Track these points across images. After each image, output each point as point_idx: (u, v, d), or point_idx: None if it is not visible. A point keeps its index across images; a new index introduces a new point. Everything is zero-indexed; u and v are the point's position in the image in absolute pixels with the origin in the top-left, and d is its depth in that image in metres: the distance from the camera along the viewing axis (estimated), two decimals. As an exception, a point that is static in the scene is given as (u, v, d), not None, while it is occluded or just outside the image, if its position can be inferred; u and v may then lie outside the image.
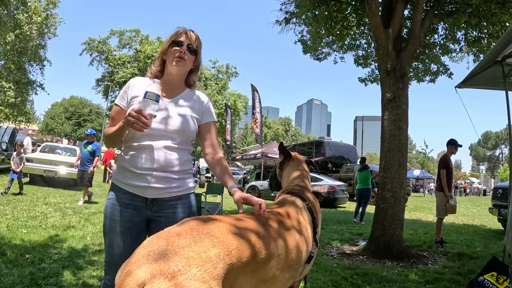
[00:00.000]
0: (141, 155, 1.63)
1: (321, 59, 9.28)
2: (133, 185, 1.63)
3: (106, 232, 1.70)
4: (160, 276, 0.95)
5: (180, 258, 1.00)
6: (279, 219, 1.52)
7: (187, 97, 1.77)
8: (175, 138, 1.66)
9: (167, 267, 0.97)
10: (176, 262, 0.98)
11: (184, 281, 0.95)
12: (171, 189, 1.66)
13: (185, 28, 1.78)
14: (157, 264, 0.98)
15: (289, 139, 68.80)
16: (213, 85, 27.66)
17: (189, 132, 1.71)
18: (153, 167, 1.61)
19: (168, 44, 1.74)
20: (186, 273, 0.97)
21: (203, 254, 1.04)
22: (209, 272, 1.01)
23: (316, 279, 3.76)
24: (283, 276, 1.39)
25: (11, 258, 3.74)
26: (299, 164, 2.22)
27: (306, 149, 23.18)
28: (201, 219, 1.22)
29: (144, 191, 1.63)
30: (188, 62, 1.75)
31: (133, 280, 0.97)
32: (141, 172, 1.62)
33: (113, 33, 27.72)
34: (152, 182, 1.62)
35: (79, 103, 45.82)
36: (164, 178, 1.64)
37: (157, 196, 1.65)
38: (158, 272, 0.96)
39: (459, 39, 6.56)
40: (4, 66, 19.30)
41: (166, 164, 1.63)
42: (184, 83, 1.83)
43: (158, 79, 1.79)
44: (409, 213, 12.93)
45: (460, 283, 3.88)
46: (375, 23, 5.35)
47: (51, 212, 6.75)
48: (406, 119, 5.40)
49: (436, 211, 6.41)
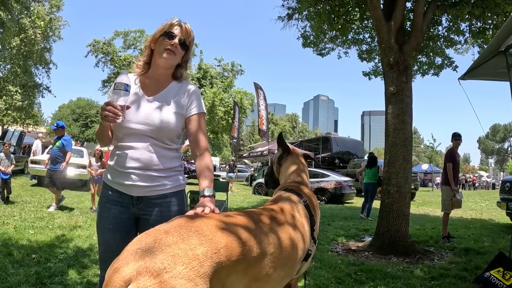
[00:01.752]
0: (125, 155, 1.63)
1: (324, 55, 9.20)
2: (120, 184, 1.66)
3: (98, 229, 1.76)
4: (145, 274, 0.96)
5: (166, 255, 1.00)
6: (273, 215, 1.50)
7: (173, 91, 1.72)
8: (157, 137, 1.65)
9: (152, 265, 0.97)
10: (161, 260, 0.98)
11: (169, 279, 0.95)
12: (156, 187, 1.65)
13: (179, 20, 1.71)
14: (143, 261, 0.98)
15: (296, 136, 68.64)
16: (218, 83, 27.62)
17: (172, 130, 1.67)
18: (136, 166, 1.62)
19: (160, 34, 1.68)
20: (172, 271, 0.97)
21: (190, 252, 1.03)
22: (195, 270, 1.00)
23: (319, 276, 3.74)
24: (277, 274, 1.38)
25: (17, 258, 3.79)
26: (296, 158, 2.17)
27: (313, 145, 23.16)
28: (191, 216, 1.21)
29: (129, 189, 1.65)
30: (177, 56, 1.70)
31: (119, 277, 0.97)
32: (126, 171, 1.63)
33: (118, 34, 27.80)
34: (136, 181, 1.63)
35: (86, 105, 46.15)
36: (148, 176, 1.63)
37: (142, 194, 1.65)
38: (143, 269, 0.96)
39: (464, 31, 6.46)
40: (10, 70, 19.48)
41: (150, 162, 1.63)
42: (171, 76, 1.77)
43: (145, 72, 1.75)
44: (417, 207, 12.82)
45: (466, 279, 3.82)
46: (376, 16, 5.28)
47: (58, 212, 6.82)
48: (410, 112, 5.33)
49: (442, 206, 6.34)
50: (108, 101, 1.50)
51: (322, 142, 22.33)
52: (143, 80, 1.75)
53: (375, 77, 8.88)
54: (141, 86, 1.73)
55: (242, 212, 1.43)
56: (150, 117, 1.63)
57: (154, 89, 1.72)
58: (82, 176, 11.21)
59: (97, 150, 8.02)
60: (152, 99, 1.68)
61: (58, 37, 21.11)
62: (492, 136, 78.39)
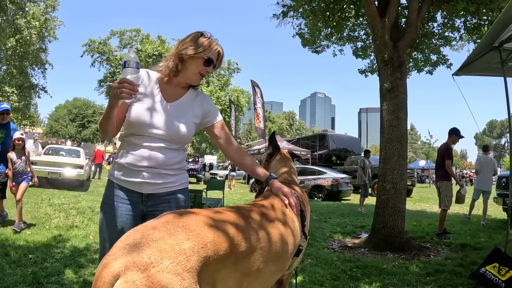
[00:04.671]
0: (138, 153, 1.65)
1: (320, 52, 9.22)
2: (129, 181, 1.67)
3: (103, 228, 1.71)
4: (133, 268, 0.97)
5: (153, 250, 1.01)
6: (262, 211, 1.51)
7: (190, 99, 1.77)
8: (171, 141, 1.69)
9: (140, 259, 0.99)
10: (149, 255, 1.00)
11: (156, 273, 0.97)
12: (166, 184, 1.70)
13: (219, 44, 1.75)
14: (131, 257, 1.00)
15: (294, 133, 68.70)
16: (215, 81, 27.59)
17: (185, 138, 1.73)
18: (148, 164, 1.65)
19: (201, 56, 1.68)
20: (159, 265, 0.98)
21: (177, 246, 1.04)
22: (182, 264, 1.01)
23: (315, 273, 3.75)
24: (268, 269, 1.39)
25: (14, 259, 3.79)
26: (287, 161, 2.20)
27: (310, 142, 23.18)
28: (178, 213, 1.22)
29: (140, 186, 1.67)
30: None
31: (108, 272, 1.00)
32: (138, 169, 1.65)
33: (114, 33, 27.71)
34: (147, 178, 1.66)
35: (82, 105, 45.92)
36: (159, 175, 1.68)
37: (152, 192, 1.69)
38: (131, 264, 0.98)
39: (459, 27, 6.48)
40: (6, 71, 19.44)
41: (162, 162, 1.67)
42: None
43: (169, 77, 1.74)
44: (414, 204, 12.88)
45: (461, 275, 3.83)
46: (371, 12, 5.29)
47: (55, 213, 6.81)
48: (405, 109, 5.35)
49: (440, 203, 6.29)
50: (123, 78, 1.47)
51: (319, 139, 22.35)
52: (163, 85, 1.75)
53: (371, 74, 8.91)
54: (161, 90, 1.74)
55: (231, 208, 1.44)
56: (168, 123, 1.67)
57: (173, 95, 1.75)
58: (79, 176, 11.20)
59: (17, 140, 5.40)
60: (171, 106, 1.72)
61: (54, 37, 21.09)
62: (489, 132, 78.62)
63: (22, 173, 5.51)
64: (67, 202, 8.22)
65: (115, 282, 0.98)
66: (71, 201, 8.40)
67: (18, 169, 5.46)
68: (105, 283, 0.99)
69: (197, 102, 1.79)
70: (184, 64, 1.68)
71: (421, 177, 39.01)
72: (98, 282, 1.01)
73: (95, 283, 1.02)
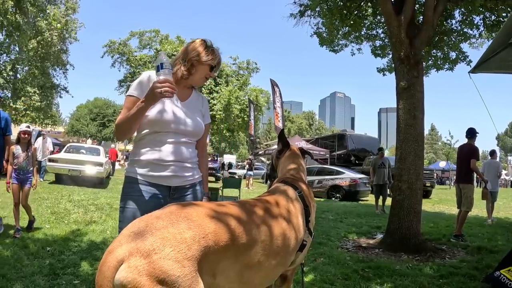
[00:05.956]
0: (165, 150, 1.78)
1: (337, 51, 9.15)
2: (159, 176, 1.78)
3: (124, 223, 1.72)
4: (136, 254, 1.03)
5: (155, 238, 1.06)
6: (266, 206, 1.54)
7: (195, 99, 1.98)
8: (190, 136, 1.88)
9: (143, 246, 1.04)
10: (151, 242, 1.05)
11: (157, 259, 1.02)
12: (189, 177, 1.87)
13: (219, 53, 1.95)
14: (135, 243, 1.06)
15: (313, 133, 68.28)
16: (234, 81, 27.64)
17: (200, 132, 1.94)
18: (175, 159, 1.80)
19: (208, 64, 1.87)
20: (160, 252, 1.03)
21: (178, 235, 1.09)
22: (182, 252, 1.06)
23: (326, 272, 3.74)
24: (269, 262, 1.42)
25: (32, 251, 3.94)
26: (296, 157, 2.22)
27: (328, 142, 23.03)
28: (182, 204, 1.27)
29: (169, 180, 1.80)
30: None
31: (113, 257, 1.06)
32: (167, 164, 1.79)
33: (133, 34, 28.12)
34: (176, 171, 1.81)
35: (103, 104, 46.97)
36: (184, 168, 1.84)
37: (179, 184, 1.84)
38: (135, 250, 1.04)
39: (478, 24, 6.33)
40: (28, 72, 19.99)
41: (186, 156, 1.85)
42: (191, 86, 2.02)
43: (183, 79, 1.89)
44: (432, 205, 12.62)
45: (475, 278, 3.75)
46: (386, 10, 5.23)
47: (74, 208, 7.00)
48: (421, 108, 5.26)
49: (463, 204, 6.20)
50: (165, 78, 1.60)
51: (338, 139, 22.20)
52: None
53: (389, 73, 8.79)
54: None
55: (235, 202, 1.48)
56: (187, 119, 1.86)
57: (184, 95, 1.93)
58: (99, 173, 11.46)
59: (22, 133, 4.99)
60: (184, 104, 1.89)
61: (74, 38, 21.56)
62: (511, 132, 76.16)
63: (26, 171, 4.89)
64: (86, 198, 8.44)
65: (119, 267, 1.03)
66: (90, 198, 8.62)
67: (21, 165, 4.82)
68: (110, 268, 1.05)
69: (200, 101, 2.00)
70: (195, 68, 1.87)
71: (441, 179, 38.12)
72: (103, 267, 1.07)
73: (101, 268, 1.08)
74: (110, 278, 1.04)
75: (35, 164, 5.08)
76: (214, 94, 25.82)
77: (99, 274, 1.08)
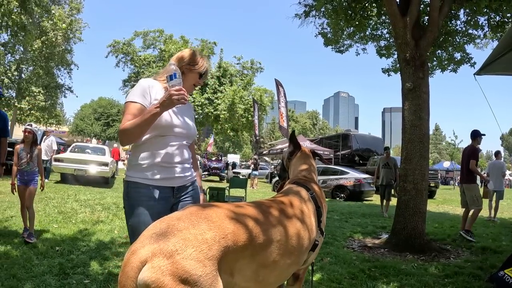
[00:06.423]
0: (169, 152, 1.88)
1: (343, 51, 9.16)
2: (163, 178, 1.85)
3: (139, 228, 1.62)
4: (159, 255, 1.07)
5: (177, 239, 1.10)
6: (281, 207, 1.58)
7: (187, 105, 2.04)
8: (188, 138, 2.00)
9: (165, 247, 1.08)
10: (174, 243, 1.09)
11: (180, 259, 1.05)
12: (188, 176, 1.99)
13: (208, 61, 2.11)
14: (158, 244, 1.09)
15: (317, 133, 68.19)
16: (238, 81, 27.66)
17: (195, 135, 2.09)
18: (179, 160, 1.91)
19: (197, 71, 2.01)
20: (183, 253, 1.07)
21: (199, 236, 1.13)
22: (204, 252, 1.10)
23: (333, 271, 3.78)
24: (284, 261, 1.45)
25: (42, 250, 3.97)
26: (307, 158, 2.26)
27: (332, 142, 23.01)
28: (202, 205, 1.31)
29: (173, 181, 1.89)
30: None
31: (136, 258, 1.09)
32: (172, 166, 1.88)
33: (137, 34, 28.25)
34: (179, 172, 1.91)
35: (107, 104, 47.19)
36: (184, 169, 1.96)
37: (181, 184, 1.94)
38: (158, 251, 1.08)
39: (482, 25, 6.33)
40: (33, 71, 20.06)
41: (186, 157, 1.97)
42: None
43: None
44: (437, 206, 12.61)
45: (480, 278, 3.78)
46: (392, 11, 5.25)
47: (81, 208, 7.05)
48: (427, 109, 5.28)
49: (470, 204, 6.29)
50: (179, 87, 1.71)
51: (342, 139, 22.16)
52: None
53: (394, 74, 8.79)
54: None
55: (252, 203, 1.52)
56: (185, 123, 1.97)
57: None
58: (104, 173, 11.53)
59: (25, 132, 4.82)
60: (179, 109, 1.96)
61: (79, 38, 21.62)
62: (515, 133, 75.70)
63: (30, 172, 4.66)
64: (92, 198, 8.49)
65: (142, 267, 1.07)
66: (97, 197, 8.67)
67: (25, 167, 4.61)
68: (133, 268, 1.08)
69: (190, 107, 2.13)
70: (185, 76, 1.97)
71: (445, 179, 38.00)
72: (126, 267, 1.10)
73: (124, 268, 1.11)
74: (134, 278, 1.08)
75: (41, 165, 4.86)
76: (219, 94, 25.84)
77: (122, 275, 1.11)
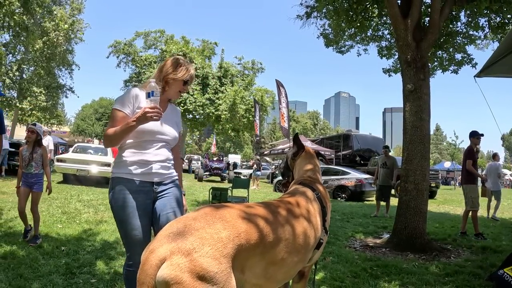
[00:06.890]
0: (151, 152, 2.09)
1: (344, 52, 9.22)
2: (142, 173, 2.05)
3: (125, 219, 2.01)
4: (178, 253, 1.13)
5: (195, 238, 1.16)
6: (289, 207, 1.65)
7: (170, 112, 2.26)
8: (171, 143, 2.22)
9: (184, 246, 1.14)
10: (191, 242, 1.16)
11: (198, 257, 1.12)
12: (169, 174, 2.18)
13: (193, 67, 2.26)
14: (176, 243, 1.16)
15: (318, 133, 68.14)
16: (239, 81, 27.66)
17: (176, 140, 2.27)
18: (158, 159, 2.10)
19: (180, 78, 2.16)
20: (200, 251, 1.13)
21: (215, 235, 1.19)
22: (219, 250, 1.16)
23: (336, 270, 3.84)
24: (291, 259, 1.52)
25: (47, 250, 4.02)
26: (311, 158, 2.32)
27: (333, 142, 23.04)
28: (215, 206, 1.37)
29: (152, 176, 2.09)
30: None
31: (155, 256, 1.16)
32: (150, 163, 2.07)
33: (138, 34, 28.23)
34: (157, 169, 2.10)
35: (108, 104, 47.23)
36: (164, 167, 2.14)
37: (160, 180, 2.12)
38: (176, 249, 1.14)
39: (483, 26, 6.39)
40: (34, 72, 20.13)
41: (166, 157, 2.15)
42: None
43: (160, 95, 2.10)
44: (438, 206, 12.66)
45: (480, 277, 3.84)
46: (393, 13, 5.30)
47: (84, 208, 7.11)
48: (428, 110, 5.33)
49: (468, 205, 6.40)
50: (153, 105, 1.90)
51: (343, 139, 22.20)
52: None
53: (395, 74, 8.85)
54: None
55: (261, 203, 1.59)
56: (168, 129, 2.18)
57: (162, 108, 2.15)
58: (106, 173, 11.57)
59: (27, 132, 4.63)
60: (164, 116, 2.09)
61: (80, 39, 21.68)
62: (515, 132, 75.75)
63: (33, 175, 4.46)
64: (95, 198, 8.54)
65: (161, 265, 1.13)
66: (99, 198, 8.72)
67: (27, 169, 4.43)
68: (152, 266, 1.14)
69: (174, 113, 2.32)
70: (169, 85, 2.16)
71: (446, 179, 38.08)
72: (145, 265, 1.16)
73: (142, 267, 1.17)
74: (152, 276, 1.14)
75: (47, 166, 4.64)
76: (220, 94, 25.90)
77: (141, 272, 1.18)
